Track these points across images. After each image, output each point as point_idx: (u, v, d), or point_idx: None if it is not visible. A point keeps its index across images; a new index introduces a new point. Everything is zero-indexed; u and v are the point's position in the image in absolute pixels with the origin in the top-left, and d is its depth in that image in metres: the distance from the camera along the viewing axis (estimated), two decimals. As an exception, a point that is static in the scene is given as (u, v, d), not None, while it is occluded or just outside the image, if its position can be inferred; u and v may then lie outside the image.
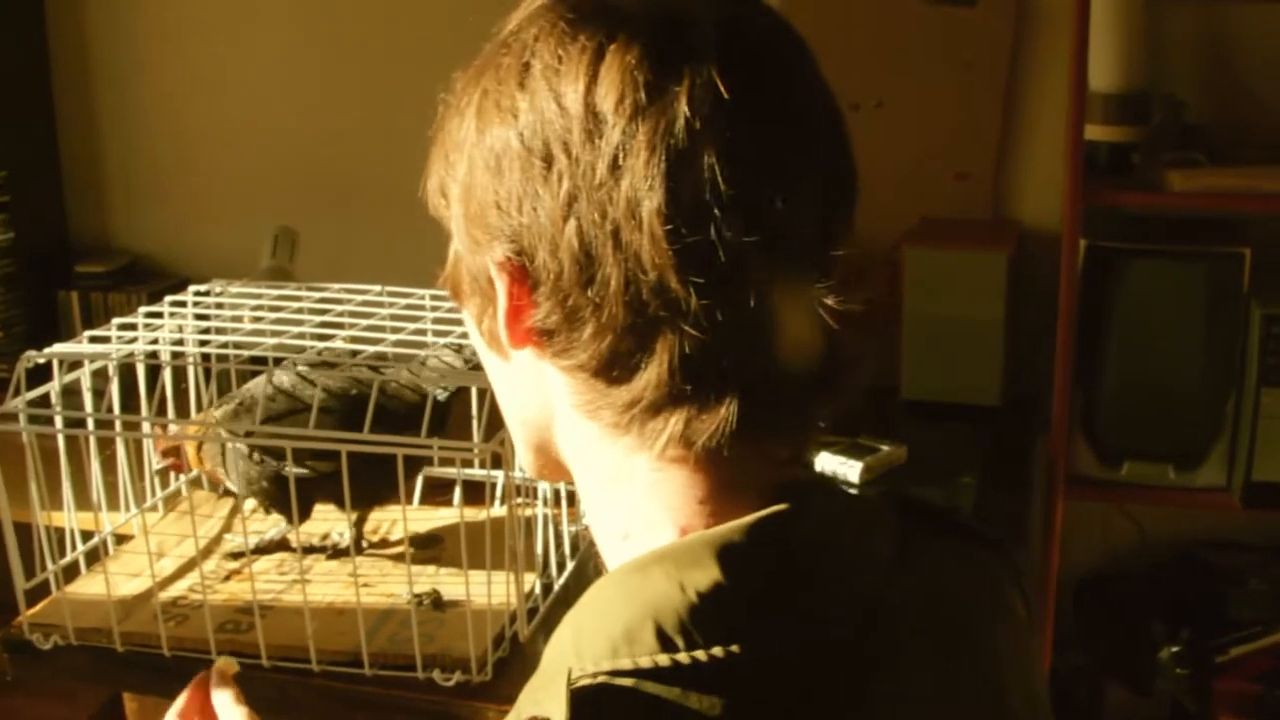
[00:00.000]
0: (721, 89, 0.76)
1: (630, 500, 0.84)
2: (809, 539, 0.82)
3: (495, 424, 1.59)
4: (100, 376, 1.82)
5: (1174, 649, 2.54)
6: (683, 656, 0.75)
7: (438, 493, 2.07)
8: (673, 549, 0.80)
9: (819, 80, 0.83)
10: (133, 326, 1.88)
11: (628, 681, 0.75)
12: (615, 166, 0.76)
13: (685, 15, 0.78)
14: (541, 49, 0.80)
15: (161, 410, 1.86)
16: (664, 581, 0.78)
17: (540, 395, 0.86)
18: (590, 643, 0.77)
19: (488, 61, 0.84)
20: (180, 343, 1.93)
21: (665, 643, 0.75)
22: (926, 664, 0.85)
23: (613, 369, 0.80)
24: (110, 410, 1.78)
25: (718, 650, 0.75)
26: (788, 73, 0.81)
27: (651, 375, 0.78)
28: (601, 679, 0.75)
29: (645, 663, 0.75)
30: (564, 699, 0.74)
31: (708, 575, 0.77)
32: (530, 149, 0.79)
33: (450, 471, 2.01)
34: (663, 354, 0.78)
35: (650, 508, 0.83)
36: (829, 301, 0.80)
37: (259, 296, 2.00)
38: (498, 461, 1.61)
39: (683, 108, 0.75)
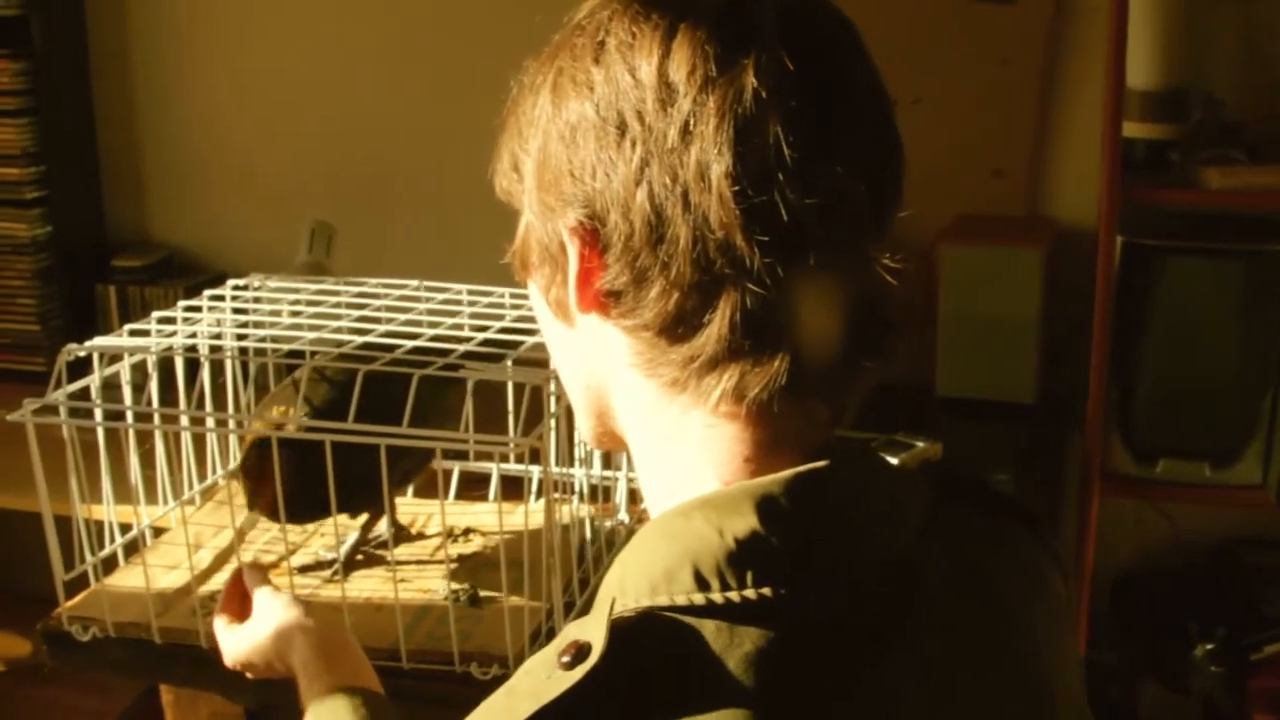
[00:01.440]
0: (786, 62, 0.81)
1: (681, 457, 0.89)
2: (843, 497, 0.86)
3: (533, 420, 1.61)
4: (139, 370, 1.83)
5: (1209, 647, 2.53)
6: (716, 597, 0.80)
7: (472, 487, 2.08)
8: (714, 497, 0.85)
9: (868, 60, 0.88)
10: (171, 320, 1.89)
11: (666, 616, 0.80)
12: (686, 133, 0.81)
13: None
14: (616, 27, 0.85)
15: (200, 404, 1.88)
16: (704, 526, 0.83)
17: (603, 359, 0.91)
18: (633, 580, 0.83)
19: (562, 43, 0.89)
20: (218, 337, 1.94)
21: (701, 583, 0.81)
22: (951, 627, 0.89)
23: (677, 326, 0.84)
24: (149, 404, 1.79)
25: (750, 593, 0.80)
26: (842, 51, 0.87)
27: (713, 330, 0.83)
28: (640, 612, 0.81)
29: (681, 600, 0.81)
30: (604, 627, 0.78)
31: (746, 523, 0.82)
32: (605, 119, 0.84)
33: (488, 466, 2.02)
34: (725, 309, 0.82)
35: (699, 463, 0.88)
36: (878, 266, 0.85)
37: (296, 291, 2.01)
38: (535, 457, 1.62)
39: (750, 79, 0.81)
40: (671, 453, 0.90)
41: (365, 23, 3.13)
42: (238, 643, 1.42)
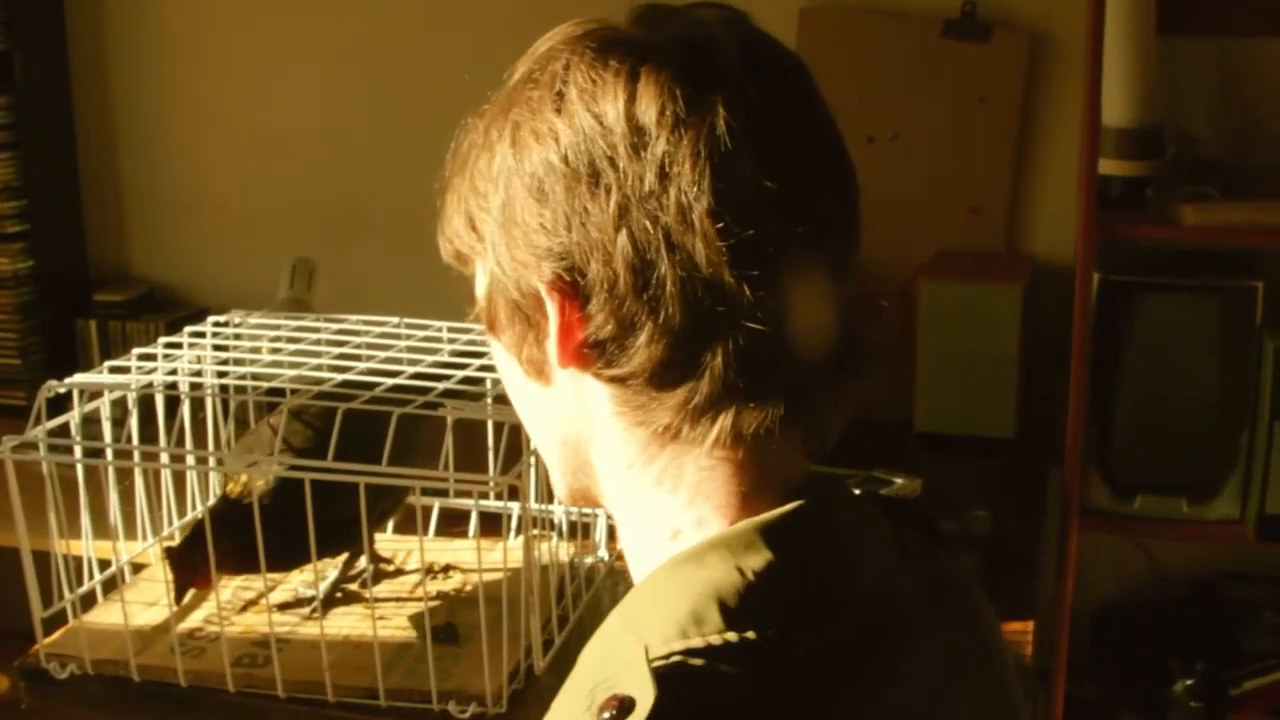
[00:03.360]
0: (754, 96, 0.82)
1: (676, 501, 0.89)
2: (840, 525, 0.89)
3: (511, 457, 1.61)
4: (119, 406, 1.84)
5: (1188, 682, 2.53)
6: (750, 635, 0.79)
7: (452, 524, 2.08)
8: (724, 537, 0.84)
9: (819, 90, 0.89)
10: (152, 357, 1.89)
11: (700, 660, 0.79)
12: (663, 175, 0.81)
13: (708, 38, 0.85)
14: (574, 76, 0.84)
15: (180, 441, 1.88)
16: (721, 565, 0.82)
17: (581, 414, 0.90)
18: (659, 626, 0.81)
19: (512, 98, 0.88)
20: (199, 374, 1.94)
21: (729, 620, 0.80)
22: (941, 637, 0.92)
23: (668, 371, 0.84)
24: (129, 441, 1.80)
25: (779, 628, 0.80)
26: (800, 85, 0.88)
27: (709, 372, 0.83)
28: (675, 659, 0.79)
29: (716, 640, 0.79)
30: (648, 677, 0.76)
31: (760, 557, 0.83)
32: (575, 168, 0.83)
33: (466, 503, 2.02)
34: (718, 350, 0.82)
35: (700, 505, 0.88)
36: (856, 292, 0.88)
37: (277, 328, 2.01)
38: (514, 494, 1.62)
39: (722, 116, 0.81)
40: (665, 497, 0.89)
41: (347, 61, 3.14)
42: None
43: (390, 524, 2.01)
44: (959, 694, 0.91)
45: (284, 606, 1.87)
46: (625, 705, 0.76)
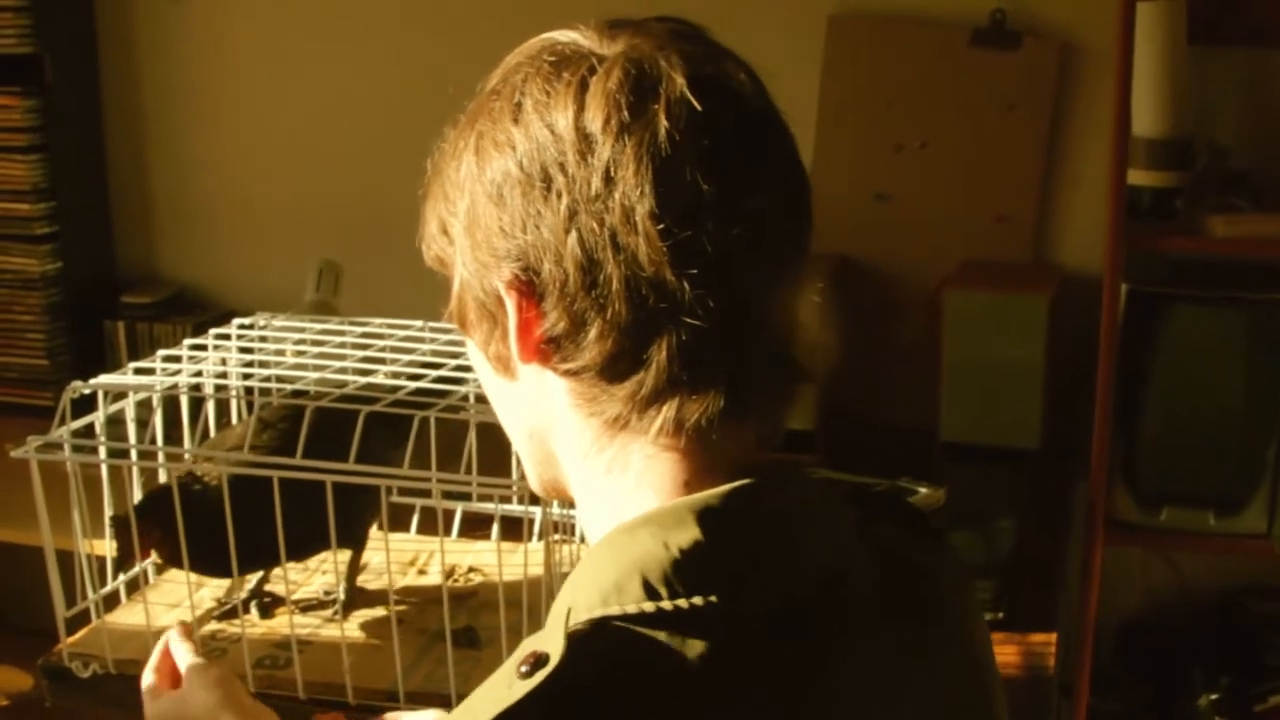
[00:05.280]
0: (695, 104, 0.86)
1: (624, 488, 0.93)
2: (779, 507, 0.92)
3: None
4: (144, 407, 1.84)
5: (1213, 696, 2.52)
6: (665, 605, 0.84)
7: (474, 527, 2.08)
8: (657, 513, 0.89)
9: (771, 102, 0.93)
10: (177, 359, 1.90)
11: (617, 625, 0.84)
12: (608, 179, 0.86)
13: (656, 50, 0.89)
14: (531, 88, 0.90)
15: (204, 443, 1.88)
16: (649, 540, 0.87)
17: (543, 406, 0.95)
18: (585, 594, 0.86)
19: (479, 109, 0.94)
20: (224, 375, 1.95)
21: (650, 592, 0.84)
22: (889, 624, 0.94)
23: (617, 364, 0.88)
24: (153, 441, 1.80)
25: (697, 600, 0.84)
26: (746, 94, 0.91)
27: (653, 365, 0.88)
28: (593, 623, 0.85)
29: (631, 609, 0.84)
30: (561, 637, 0.82)
31: (689, 534, 0.86)
32: (529, 174, 0.88)
33: (488, 507, 2.02)
34: (662, 344, 0.87)
35: (641, 492, 0.92)
36: (800, 291, 0.92)
37: (302, 330, 2.02)
38: (535, 498, 1.62)
39: (663, 122, 0.86)
40: (613, 485, 0.94)
41: (371, 67, 3.15)
42: (161, 711, 1.43)
43: (414, 524, 2.02)
44: (904, 681, 0.94)
45: (305, 609, 1.87)
46: (540, 660, 0.82)
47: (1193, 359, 2.43)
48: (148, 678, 1.46)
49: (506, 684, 0.83)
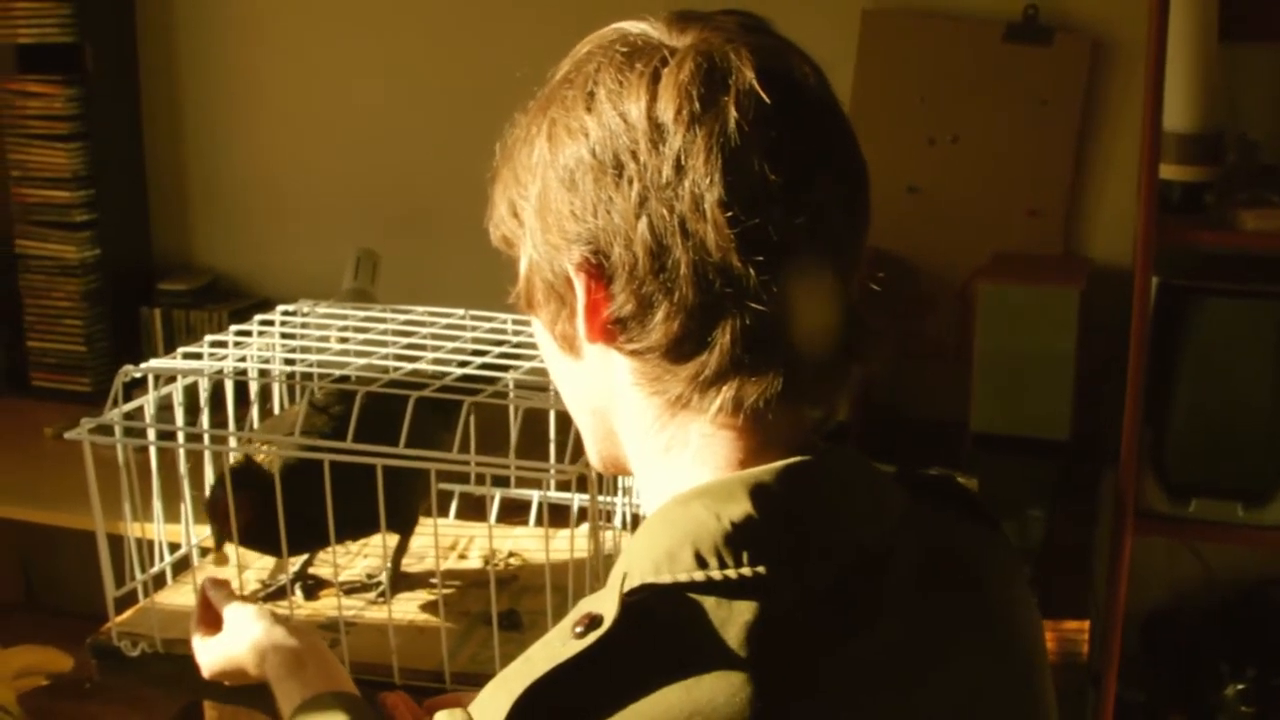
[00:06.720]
0: (763, 97, 0.89)
1: (681, 465, 0.97)
2: (830, 485, 0.95)
3: (580, 447, 1.64)
4: (190, 392, 1.87)
5: (1239, 687, 2.54)
6: (715, 574, 0.88)
7: (511, 514, 2.10)
8: (710, 486, 0.93)
9: (834, 96, 0.96)
10: (223, 344, 1.92)
11: (668, 591, 0.88)
12: (679, 168, 0.89)
13: (725, 43, 0.92)
14: (604, 77, 0.93)
15: (250, 427, 1.91)
16: (702, 512, 0.91)
17: (607, 384, 0.98)
18: (639, 562, 0.90)
19: (551, 96, 0.97)
20: (268, 361, 1.98)
21: (700, 562, 0.89)
22: (927, 604, 0.97)
23: (682, 345, 0.92)
24: (201, 426, 1.83)
25: (746, 570, 0.88)
26: (811, 87, 0.94)
27: (715, 347, 0.91)
28: (646, 588, 0.89)
29: (683, 577, 0.88)
30: (616, 601, 0.87)
31: (740, 508, 0.90)
32: (602, 161, 0.91)
33: (531, 493, 2.05)
34: (726, 327, 0.90)
35: (698, 469, 0.96)
36: (859, 277, 0.95)
37: (344, 317, 2.04)
38: (581, 484, 1.65)
39: (732, 113, 0.89)
40: (671, 462, 0.97)
41: (409, 55, 3.18)
42: (213, 655, 1.50)
43: (452, 509, 2.04)
44: (937, 661, 0.96)
45: (350, 590, 1.90)
46: (594, 621, 0.87)
47: (1222, 352, 2.45)
48: (194, 632, 1.52)
49: (561, 641, 0.87)
